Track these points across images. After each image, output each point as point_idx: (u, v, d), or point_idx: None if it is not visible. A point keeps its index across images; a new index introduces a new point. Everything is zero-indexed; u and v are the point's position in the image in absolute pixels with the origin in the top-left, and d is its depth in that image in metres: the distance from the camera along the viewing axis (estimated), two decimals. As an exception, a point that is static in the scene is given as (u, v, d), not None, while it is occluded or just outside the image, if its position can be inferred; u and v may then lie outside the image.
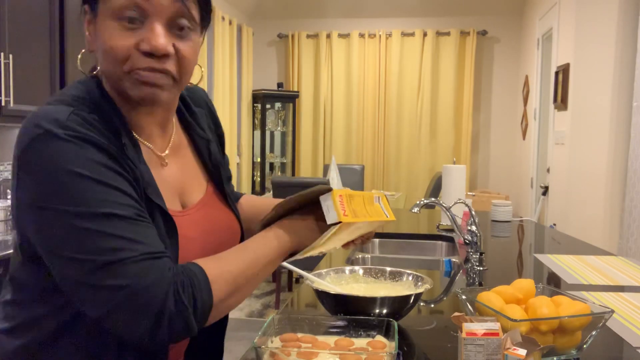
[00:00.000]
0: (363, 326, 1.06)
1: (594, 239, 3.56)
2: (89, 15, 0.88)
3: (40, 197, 0.78)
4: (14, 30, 2.51)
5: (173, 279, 0.80)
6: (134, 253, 0.78)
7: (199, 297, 0.81)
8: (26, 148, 0.80)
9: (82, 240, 0.77)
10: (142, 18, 0.84)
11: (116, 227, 0.78)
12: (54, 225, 0.78)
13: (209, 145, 1.07)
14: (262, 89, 6.31)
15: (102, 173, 0.80)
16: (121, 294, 0.76)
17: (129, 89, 0.86)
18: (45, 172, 0.78)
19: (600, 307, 1.08)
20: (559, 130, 4.28)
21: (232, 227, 1.05)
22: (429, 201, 2.04)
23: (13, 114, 2.51)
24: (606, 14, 3.70)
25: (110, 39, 0.84)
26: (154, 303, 0.77)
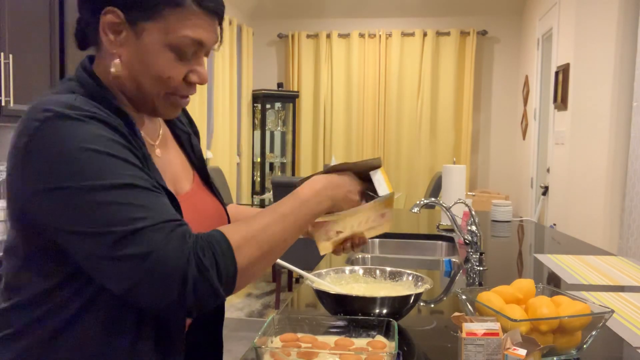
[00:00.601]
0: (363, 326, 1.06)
1: (594, 239, 3.56)
2: (122, 22, 0.88)
3: (55, 178, 0.78)
4: (14, 30, 2.50)
5: (193, 245, 0.80)
6: (153, 221, 0.78)
7: (221, 262, 0.81)
8: (36, 132, 0.79)
9: (100, 214, 0.77)
10: (195, 52, 0.91)
11: (133, 197, 0.79)
12: (72, 204, 0.78)
13: (190, 138, 1.11)
14: (262, 89, 6.31)
15: (114, 148, 0.81)
16: (145, 262, 0.76)
17: (160, 108, 0.93)
18: (59, 152, 0.78)
19: (600, 307, 1.08)
20: (559, 130, 4.28)
21: (220, 213, 1.09)
22: (429, 201, 2.04)
23: (13, 114, 2.51)
24: (606, 14, 3.70)
25: (168, 69, 0.89)
26: (178, 268, 0.77)
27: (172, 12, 0.87)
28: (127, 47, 0.89)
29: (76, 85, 0.90)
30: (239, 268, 0.83)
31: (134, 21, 0.87)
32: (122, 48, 0.89)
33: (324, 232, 1.14)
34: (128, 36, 0.88)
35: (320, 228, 1.12)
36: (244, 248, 0.84)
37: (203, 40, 0.90)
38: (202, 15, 0.89)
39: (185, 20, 0.88)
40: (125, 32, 0.88)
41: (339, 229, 1.14)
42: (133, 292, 0.79)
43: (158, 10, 0.87)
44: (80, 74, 0.92)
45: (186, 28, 0.88)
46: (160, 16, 0.87)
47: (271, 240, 0.88)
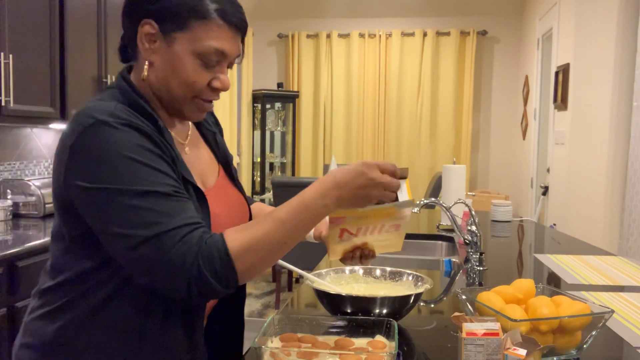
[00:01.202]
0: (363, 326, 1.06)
1: (594, 239, 3.56)
2: (157, 33, 1.00)
3: (92, 178, 0.91)
4: (14, 30, 2.50)
5: (199, 253, 0.90)
6: (167, 227, 0.90)
7: (221, 272, 0.91)
8: (81, 135, 0.92)
9: (123, 216, 0.90)
10: (218, 61, 1.02)
11: (154, 203, 0.91)
12: (105, 203, 0.91)
13: (216, 136, 1.23)
14: (262, 89, 6.31)
15: (146, 156, 0.93)
16: (159, 263, 0.89)
17: (186, 111, 1.05)
18: (99, 155, 0.91)
19: (600, 307, 1.08)
20: (559, 130, 4.28)
21: (242, 204, 1.20)
22: (429, 201, 2.04)
23: (13, 114, 2.51)
24: (606, 14, 3.70)
25: (194, 74, 1.00)
26: (184, 271, 0.89)
27: (199, 24, 0.99)
28: (160, 55, 1.01)
29: (117, 93, 1.02)
30: (239, 275, 0.92)
31: (166, 31, 0.99)
32: (155, 55, 1.01)
33: (337, 232, 1.13)
34: (161, 45, 1.00)
35: (334, 227, 1.11)
36: (244, 257, 0.92)
37: (225, 51, 1.01)
38: (226, 28, 1.00)
39: (210, 31, 0.99)
40: (159, 42, 1.00)
41: (352, 230, 1.13)
42: (151, 285, 0.93)
43: (187, 22, 0.99)
44: (120, 83, 1.04)
45: (211, 39, 0.99)
46: (189, 27, 0.99)
47: (270, 246, 0.95)
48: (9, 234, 2.46)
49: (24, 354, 1.03)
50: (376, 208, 1.06)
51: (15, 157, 3.03)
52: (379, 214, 1.09)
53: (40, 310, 1.03)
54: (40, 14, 2.69)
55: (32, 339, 1.02)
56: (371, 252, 1.20)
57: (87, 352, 0.99)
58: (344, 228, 1.12)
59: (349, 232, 1.13)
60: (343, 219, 1.09)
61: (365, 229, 1.13)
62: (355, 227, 1.12)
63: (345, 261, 1.22)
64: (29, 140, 3.13)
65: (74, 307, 0.99)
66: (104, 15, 3.16)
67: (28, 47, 2.61)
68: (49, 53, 2.76)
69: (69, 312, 0.99)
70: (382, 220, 1.12)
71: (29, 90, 2.62)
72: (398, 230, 1.16)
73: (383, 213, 1.09)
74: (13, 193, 2.82)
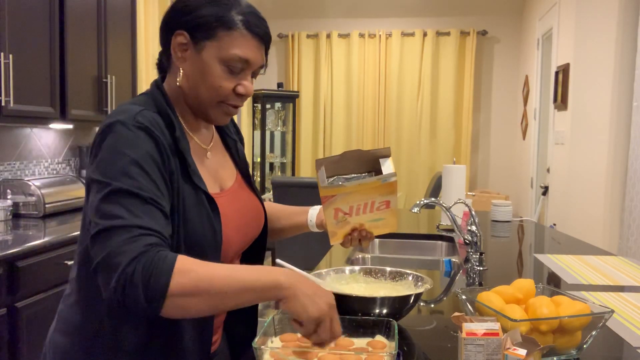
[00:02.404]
0: (363, 326, 1.06)
1: (594, 239, 3.56)
2: (188, 42, 1.09)
3: (95, 171, 0.99)
4: (14, 30, 2.50)
5: (144, 254, 0.91)
6: (127, 223, 0.93)
7: (154, 278, 0.90)
8: (105, 130, 1.01)
9: (101, 207, 0.95)
10: (243, 68, 1.10)
11: (127, 202, 0.95)
12: (92, 194, 0.98)
13: (237, 144, 1.32)
14: (262, 89, 6.31)
15: (147, 162, 0.99)
16: (104, 251, 0.92)
17: (212, 115, 1.13)
18: (107, 151, 0.99)
19: (600, 307, 1.08)
20: (559, 130, 4.28)
21: (257, 207, 1.26)
22: (429, 201, 2.04)
23: (13, 114, 2.51)
24: (606, 14, 3.70)
25: (220, 80, 1.09)
26: (119, 265, 0.90)
27: (226, 34, 1.07)
28: (190, 62, 1.09)
29: (149, 99, 1.11)
30: (169, 292, 0.90)
31: (197, 40, 1.08)
32: (186, 63, 1.10)
33: (331, 213, 1.22)
34: (191, 53, 1.09)
35: (328, 207, 1.20)
36: (182, 276, 0.91)
37: (249, 59, 1.09)
38: (250, 38, 1.09)
39: (235, 40, 1.08)
40: (190, 50, 1.09)
41: (344, 209, 1.21)
42: (95, 270, 0.94)
43: (215, 31, 1.07)
44: (153, 89, 1.13)
45: (235, 47, 1.08)
46: (216, 36, 1.07)
47: (212, 284, 0.92)
48: (9, 234, 2.46)
49: (57, 338, 1.10)
50: (361, 182, 1.17)
51: (15, 157, 3.03)
52: (365, 188, 1.19)
53: (70, 299, 1.11)
54: (40, 14, 2.69)
55: (64, 326, 1.10)
56: (369, 234, 1.29)
57: (114, 338, 1.05)
58: (337, 208, 1.21)
59: (342, 211, 1.21)
60: (333, 197, 1.18)
61: (357, 207, 1.21)
62: (347, 206, 1.21)
63: (345, 245, 1.30)
64: (29, 140, 3.13)
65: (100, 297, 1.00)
66: (104, 15, 3.15)
67: (28, 47, 2.61)
68: (49, 53, 2.76)
69: (97, 302, 1.04)
70: (371, 197, 1.21)
71: (29, 90, 2.62)
72: (390, 208, 1.24)
73: (369, 187, 1.19)
74: (13, 193, 2.82)
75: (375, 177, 1.17)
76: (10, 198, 2.80)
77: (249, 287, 0.93)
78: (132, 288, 0.90)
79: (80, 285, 1.09)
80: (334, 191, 1.15)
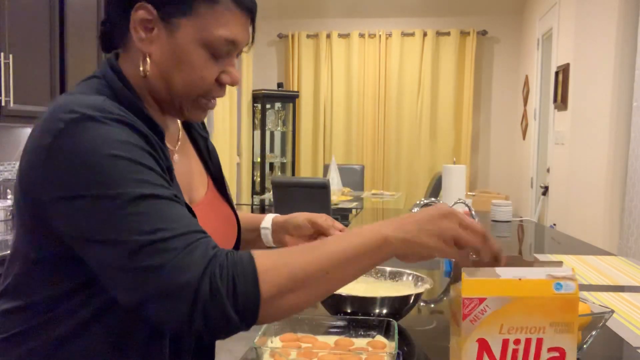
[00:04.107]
0: (363, 326, 1.06)
1: (594, 239, 3.56)
2: (154, 19, 0.85)
3: (78, 186, 0.75)
4: (14, 30, 2.50)
5: (213, 262, 0.73)
6: (173, 232, 0.74)
7: (239, 285, 0.72)
8: (60, 133, 0.76)
9: (121, 223, 0.73)
10: (229, 51, 0.88)
11: (155, 208, 0.75)
12: (93, 212, 0.74)
13: (207, 142, 1.08)
14: (262, 89, 6.31)
15: (140, 155, 0.78)
16: (158, 276, 0.72)
17: (187, 111, 0.90)
18: (83, 157, 0.75)
19: (600, 307, 1.08)
20: (559, 130, 4.28)
21: (231, 219, 1.06)
22: (429, 201, 2.04)
23: (13, 114, 2.51)
24: (606, 14, 3.70)
25: (202, 69, 0.86)
26: (190, 285, 0.71)
27: (208, 9, 0.84)
28: (159, 45, 0.86)
29: (103, 86, 0.86)
30: (262, 297, 0.73)
31: (167, 17, 0.85)
32: (153, 46, 0.86)
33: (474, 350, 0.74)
34: (160, 34, 0.85)
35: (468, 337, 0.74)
36: (271, 273, 0.74)
37: (237, 40, 0.88)
38: (238, 13, 0.87)
39: (220, 17, 0.85)
40: (157, 30, 0.85)
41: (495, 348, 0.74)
42: (143, 306, 0.74)
43: (193, 6, 0.84)
44: (108, 74, 0.87)
45: (221, 26, 0.85)
46: (196, 13, 0.84)
47: (308, 269, 0.76)
48: (9, 234, 2.46)
49: None
50: (529, 279, 0.72)
51: (15, 157, 3.03)
52: (532, 293, 0.72)
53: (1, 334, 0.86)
54: (40, 14, 2.69)
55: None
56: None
57: None
58: (482, 340, 0.73)
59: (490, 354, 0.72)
60: (482, 303, 0.72)
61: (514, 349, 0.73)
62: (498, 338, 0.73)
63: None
64: (29, 140, 3.13)
65: (39, 335, 0.84)
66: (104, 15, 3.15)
67: (28, 47, 2.61)
68: (49, 53, 2.76)
69: (32, 340, 0.84)
70: (537, 321, 0.73)
71: (29, 90, 2.62)
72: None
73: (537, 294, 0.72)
74: (13, 193, 2.82)
75: (543, 273, 0.72)
76: (10, 198, 2.80)
77: (350, 257, 0.77)
78: (216, 308, 0.71)
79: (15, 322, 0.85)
80: (484, 288, 0.72)
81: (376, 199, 5.07)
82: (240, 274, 0.73)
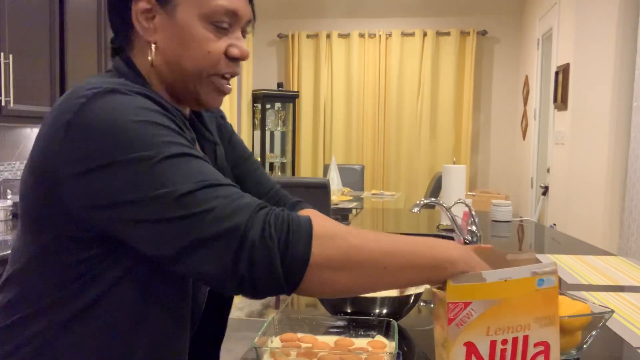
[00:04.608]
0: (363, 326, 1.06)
1: (594, 239, 3.56)
2: (153, 6, 0.86)
3: (107, 153, 0.72)
4: (14, 30, 2.50)
5: (266, 209, 0.71)
6: (218, 182, 0.73)
7: (292, 240, 0.70)
8: (82, 107, 0.74)
9: (160, 177, 0.71)
10: (231, 24, 0.87)
11: (192, 164, 0.73)
12: (129, 175, 0.71)
13: (216, 148, 1.03)
14: (262, 89, 6.31)
15: (165, 120, 0.77)
16: (206, 218, 0.69)
17: (204, 92, 0.88)
18: (111, 124, 0.72)
19: (600, 307, 1.08)
20: (559, 130, 4.28)
21: None
22: (429, 201, 2.04)
23: (13, 114, 2.51)
24: (606, 14, 3.70)
25: (207, 42, 0.85)
26: (239, 226, 0.69)
27: None
28: (162, 31, 0.86)
29: (118, 78, 0.84)
30: (311, 260, 0.70)
31: (165, 1, 0.85)
32: (157, 34, 0.86)
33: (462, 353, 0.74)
34: (161, 19, 0.86)
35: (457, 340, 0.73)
36: (327, 242, 0.71)
37: (238, 11, 0.87)
38: None
39: None
40: (158, 16, 0.86)
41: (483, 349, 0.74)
42: (185, 256, 0.70)
43: None
44: (121, 67, 0.87)
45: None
46: None
47: (365, 255, 0.72)
48: (9, 234, 2.46)
49: None
50: (513, 279, 0.72)
51: (15, 157, 3.03)
52: (516, 293, 0.72)
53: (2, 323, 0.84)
54: (40, 14, 2.69)
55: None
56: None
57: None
58: (470, 343, 0.72)
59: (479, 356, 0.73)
60: (467, 307, 0.72)
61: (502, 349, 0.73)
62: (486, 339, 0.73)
63: None
64: (29, 140, 3.13)
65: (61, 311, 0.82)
66: (104, 15, 3.15)
67: (28, 47, 2.61)
68: (49, 53, 2.76)
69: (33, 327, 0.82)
70: (521, 319, 0.74)
71: (29, 90, 2.62)
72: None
73: (520, 292, 0.73)
74: (13, 193, 2.82)
75: (528, 271, 0.72)
76: (10, 198, 2.80)
77: (414, 264, 0.73)
78: (264, 255, 0.68)
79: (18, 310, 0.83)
80: (469, 293, 0.71)
81: (376, 199, 5.07)
82: (296, 230, 0.70)
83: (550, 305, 0.75)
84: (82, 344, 0.82)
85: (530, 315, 0.74)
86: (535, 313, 0.74)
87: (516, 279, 0.72)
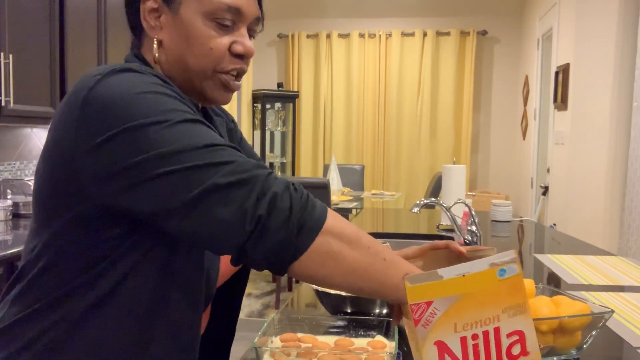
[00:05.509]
0: (363, 326, 1.06)
1: (594, 239, 3.56)
2: (160, 5, 0.88)
3: (121, 120, 0.73)
4: (14, 30, 2.50)
5: (289, 185, 0.74)
6: (237, 155, 0.75)
7: (310, 204, 0.74)
8: (97, 83, 0.76)
9: (182, 134, 0.73)
10: (234, 21, 0.88)
11: (204, 129, 0.76)
12: (144, 137, 0.73)
13: None
14: (262, 89, 6.31)
15: (177, 95, 0.79)
16: (230, 166, 0.72)
17: (210, 89, 0.89)
18: (125, 94, 0.75)
19: (600, 307, 1.08)
20: (559, 130, 4.28)
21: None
22: (429, 201, 2.04)
23: (13, 114, 2.51)
24: (606, 14, 3.70)
25: (209, 39, 0.87)
26: (259, 176, 0.73)
27: None
28: (168, 29, 0.88)
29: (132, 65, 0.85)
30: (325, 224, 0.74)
31: (174, 3, 0.87)
32: (163, 31, 0.89)
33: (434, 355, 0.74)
34: (166, 17, 0.88)
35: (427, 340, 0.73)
36: (340, 218, 0.76)
37: (240, 7, 0.87)
38: None
39: None
40: (164, 14, 0.88)
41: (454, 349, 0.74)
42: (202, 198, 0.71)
43: None
44: (132, 61, 0.89)
45: None
46: None
47: (372, 240, 0.77)
48: (9, 234, 2.46)
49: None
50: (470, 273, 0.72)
51: (15, 157, 3.03)
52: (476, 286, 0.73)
53: (16, 316, 0.84)
54: (40, 14, 2.69)
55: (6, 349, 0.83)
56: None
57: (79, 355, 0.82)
58: (440, 342, 0.73)
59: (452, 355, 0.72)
60: (429, 307, 0.72)
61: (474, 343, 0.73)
62: (455, 336, 0.73)
63: None
64: (29, 140, 3.13)
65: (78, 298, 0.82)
66: (104, 15, 3.15)
67: (28, 47, 2.61)
68: (49, 53, 2.76)
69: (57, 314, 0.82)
70: (489, 312, 0.74)
71: (29, 90, 2.62)
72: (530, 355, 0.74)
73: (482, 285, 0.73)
74: (13, 193, 2.82)
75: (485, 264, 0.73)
76: (10, 198, 2.80)
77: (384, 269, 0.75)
78: (285, 202, 0.72)
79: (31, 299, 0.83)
80: (428, 292, 0.72)
81: (376, 199, 5.07)
82: (313, 200, 0.75)
83: (517, 294, 0.74)
84: (101, 331, 0.82)
85: (497, 306, 0.74)
86: (503, 304, 0.74)
87: (474, 273, 0.73)
